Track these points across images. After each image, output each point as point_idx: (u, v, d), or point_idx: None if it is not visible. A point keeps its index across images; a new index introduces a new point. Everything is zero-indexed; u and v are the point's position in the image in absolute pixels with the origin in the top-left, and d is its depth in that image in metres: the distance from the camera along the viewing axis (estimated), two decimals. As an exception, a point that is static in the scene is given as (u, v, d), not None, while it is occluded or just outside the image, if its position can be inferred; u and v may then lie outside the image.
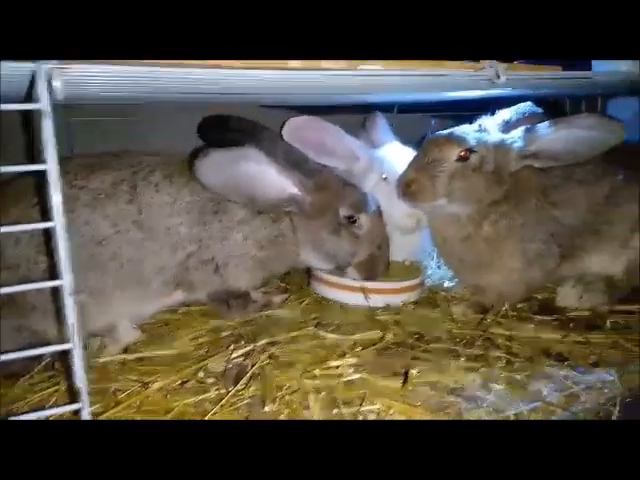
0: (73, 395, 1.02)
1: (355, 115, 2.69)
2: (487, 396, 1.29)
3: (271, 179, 1.64)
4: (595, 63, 1.89)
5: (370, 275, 1.86)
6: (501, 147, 1.74)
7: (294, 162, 1.72)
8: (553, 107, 2.51)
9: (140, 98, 1.91)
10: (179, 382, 1.38)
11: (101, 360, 1.52)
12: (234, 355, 1.43)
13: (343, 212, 1.80)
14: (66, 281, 0.98)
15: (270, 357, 1.43)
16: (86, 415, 1.01)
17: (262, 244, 1.75)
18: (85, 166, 1.63)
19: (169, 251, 1.64)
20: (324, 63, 1.18)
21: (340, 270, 1.86)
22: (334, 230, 1.79)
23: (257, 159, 1.59)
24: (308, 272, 2.06)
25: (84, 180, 1.59)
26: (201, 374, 1.39)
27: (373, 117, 2.45)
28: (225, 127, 1.84)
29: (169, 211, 1.64)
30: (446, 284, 2.14)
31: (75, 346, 0.99)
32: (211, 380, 1.36)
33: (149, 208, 1.62)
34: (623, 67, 1.72)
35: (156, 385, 1.35)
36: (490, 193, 1.75)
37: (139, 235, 1.60)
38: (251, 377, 1.32)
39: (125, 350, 1.59)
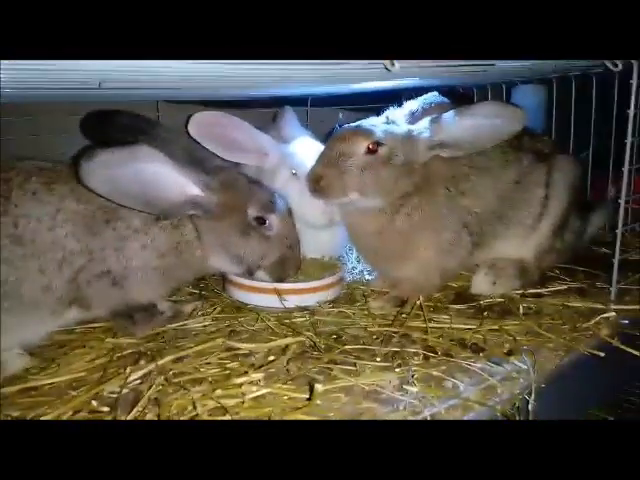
0: None
1: (267, 109, 2.63)
2: (403, 397, 1.24)
3: (169, 180, 1.49)
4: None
5: (281, 276, 1.76)
6: (409, 138, 1.71)
7: (194, 160, 1.59)
8: (460, 97, 2.54)
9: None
10: (69, 414, 1.23)
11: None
12: (131, 378, 1.29)
13: (252, 213, 1.68)
14: None
15: (167, 378, 1.29)
16: None
17: (162, 252, 1.60)
18: None
19: (55, 267, 1.46)
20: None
21: (249, 273, 1.75)
22: (242, 232, 1.67)
23: (151, 158, 1.43)
24: (223, 276, 1.95)
25: None
26: (94, 403, 1.25)
27: (283, 111, 2.37)
28: (112, 124, 1.67)
29: (51, 223, 1.46)
30: (366, 278, 2.11)
31: None
32: (105, 409, 1.22)
33: (26, 220, 1.43)
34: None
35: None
36: (401, 185, 1.71)
37: (17, 251, 1.41)
38: (147, 403, 1.19)
39: (7, 381, 1.40)
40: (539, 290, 1.90)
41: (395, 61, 1.10)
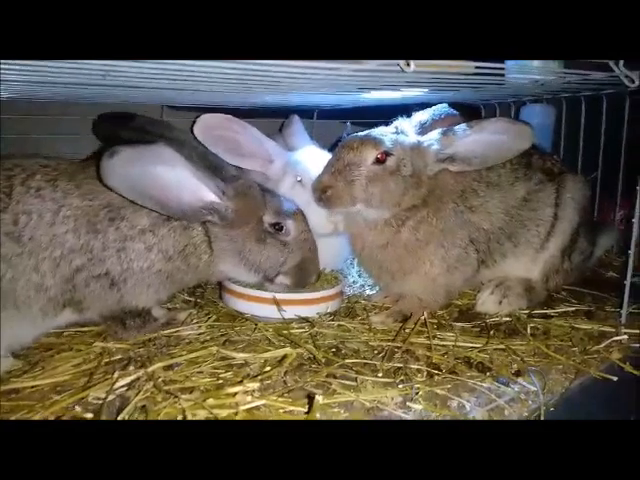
0: None
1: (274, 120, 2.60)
2: (406, 415, 1.18)
3: (187, 184, 1.44)
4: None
5: (301, 282, 1.71)
6: (418, 149, 1.68)
7: (211, 167, 1.54)
8: (469, 111, 2.51)
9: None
10: (51, 419, 1.16)
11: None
12: (118, 384, 1.22)
13: (268, 220, 1.64)
14: None
15: (156, 385, 1.22)
16: None
17: (169, 255, 1.54)
18: None
19: (52, 266, 1.41)
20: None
21: (269, 282, 1.69)
22: (259, 239, 1.62)
23: (171, 160, 1.39)
24: (220, 284, 1.88)
25: None
26: (78, 408, 1.17)
27: (290, 120, 2.34)
28: (128, 125, 1.63)
29: (52, 219, 1.41)
30: (367, 293, 2.05)
31: None
32: (89, 415, 1.14)
33: (27, 217, 1.38)
34: (534, 64, 1.72)
35: (20, 425, 1.12)
36: (408, 197, 1.67)
37: (14, 249, 1.36)
38: (134, 410, 1.12)
39: (-13, 383, 1.33)
40: (546, 311, 1.84)
41: (411, 61, 1.06)
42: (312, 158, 1.97)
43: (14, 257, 1.37)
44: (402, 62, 1.08)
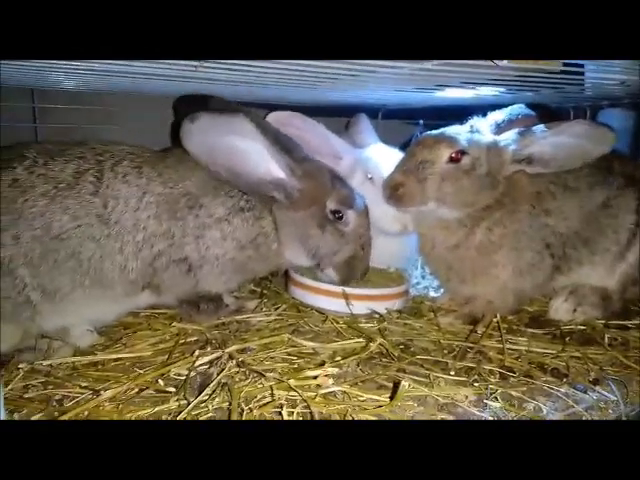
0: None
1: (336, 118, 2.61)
2: (481, 414, 1.16)
3: (258, 157, 1.50)
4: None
5: (348, 278, 1.72)
6: (494, 149, 1.65)
7: (284, 145, 1.57)
8: (546, 113, 2.45)
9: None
10: (135, 390, 1.22)
11: (45, 363, 1.34)
12: (199, 362, 1.27)
13: (330, 206, 1.65)
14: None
15: (239, 365, 1.26)
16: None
17: (243, 244, 1.59)
18: (45, 152, 1.48)
19: (135, 249, 1.48)
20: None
21: (320, 269, 1.71)
22: (319, 224, 1.64)
23: (248, 132, 1.45)
24: (286, 276, 1.92)
25: (43, 167, 1.44)
26: (161, 382, 1.23)
27: (357, 118, 2.35)
28: (205, 106, 1.69)
29: (137, 204, 1.49)
30: (431, 294, 2.03)
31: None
32: (172, 389, 1.20)
33: (115, 201, 1.47)
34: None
35: (108, 393, 1.18)
36: (482, 197, 1.64)
37: (103, 230, 1.44)
38: (217, 387, 1.16)
39: (77, 353, 1.42)
40: (624, 322, 1.76)
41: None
42: (383, 156, 1.97)
43: (103, 239, 1.45)
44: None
